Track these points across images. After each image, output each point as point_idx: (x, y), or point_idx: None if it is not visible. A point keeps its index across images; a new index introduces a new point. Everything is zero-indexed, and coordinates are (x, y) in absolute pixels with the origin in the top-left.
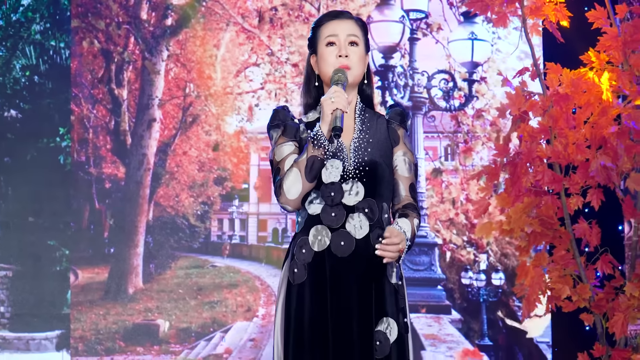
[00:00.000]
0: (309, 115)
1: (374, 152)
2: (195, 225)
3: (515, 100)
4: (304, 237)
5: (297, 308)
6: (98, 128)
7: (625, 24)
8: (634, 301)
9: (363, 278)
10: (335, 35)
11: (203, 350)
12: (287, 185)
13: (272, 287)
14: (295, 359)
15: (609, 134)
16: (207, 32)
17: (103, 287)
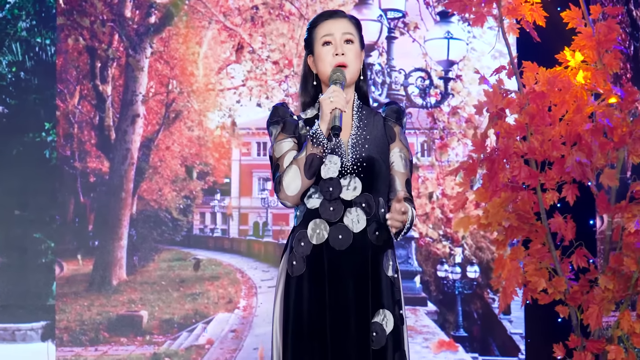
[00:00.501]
0: (308, 112)
1: (371, 148)
2: (178, 219)
3: (492, 98)
4: (302, 230)
5: (296, 300)
6: (83, 123)
7: (599, 24)
8: (608, 294)
9: (360, 271)
10: (331, 35)
11: (185, 341)
12: (287, 181)
13: (253, 280)
14: (294, 350)
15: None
16: (190, 30)
17: (87, 279)
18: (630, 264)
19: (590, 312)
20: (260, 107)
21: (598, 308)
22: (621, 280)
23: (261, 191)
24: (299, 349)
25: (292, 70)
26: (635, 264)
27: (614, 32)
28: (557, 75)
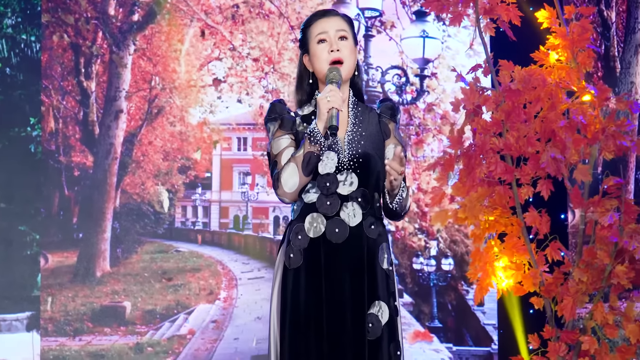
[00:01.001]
0: (304, 109)
1: (367, 144)
2: (160, 212)
3: (469, 95)
4: (299, 224)
5: (293, 291)
6: (67, 118)
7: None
8: (582, 286)
9: (356, 263)
10: (325, 32)
11: (167, 331)
12: (285, 178)
13: (233, 272)
14: (291, 340)
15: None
16: (172, 28)
17: (72, 271)
18: (603, 257)
19: (565, 304)
20: (240, 103)
21: (572, 300)
22: (594, 273)
23: (241, 185)
24: (295, 339)
25: (272, 67)
26: (608, 257)
27: (587, 32)
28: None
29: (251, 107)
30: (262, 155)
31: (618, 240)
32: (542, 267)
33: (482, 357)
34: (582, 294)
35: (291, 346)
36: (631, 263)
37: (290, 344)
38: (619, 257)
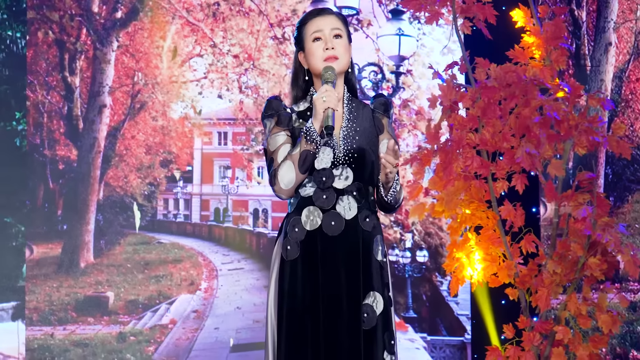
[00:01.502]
0: (300, 105)
1: (362, 140)
2: (143, 205)
3: (446, 92)
4: (296, 217)
5: (290, 282)
6: (52, 113)
7: (546, 23)
8: (556, 277)
9: (352, 255)
10: (321, 31)
11: (149, 320)
12: (281, 175)
13: (214, 263)
14: (288, 330)
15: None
16: (155, 25)
17: (56, 262)
18: (577, 250)
19: (540, 295)
20: (221, 99)
21: (547, 291)
22: (568, 265)
23: (222, 179)
24: (292, 329)
25: (252, 64)
26: (581, 250)
27: (560, 31)
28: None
29: (231, 102)
30: (241, 150)
31: (591, 233)
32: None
33: (455, 346)
34: (556, 285)
35: (288, 335)
36: (603, 255)
37: (287, 333)
38: (591, 249)
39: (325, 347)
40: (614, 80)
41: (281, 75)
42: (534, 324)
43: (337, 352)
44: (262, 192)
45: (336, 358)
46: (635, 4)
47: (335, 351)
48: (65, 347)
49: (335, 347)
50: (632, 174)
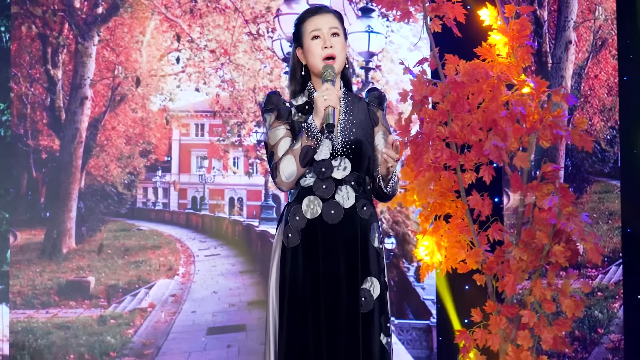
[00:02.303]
0: (298, 99)
1: (358, 132)
2: (123, 193)
3: (417, 87)
4: (297, 206)
5: (292, 269)
6: (35, 104)
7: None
8: (522, 264)
9: (350, 242)
10: (319, 29)
11: (129, 304)
12: (282, 169)
13: (191, 249)
14: (290, 314)
15: (499, 117)
16: (134, 20)
17: (39, 247)
18: (542, 238)
19: (506, 281)
20: (198, 92)
21: (513, 277)
22: (533, 252)
23: (199, 168)
24: (294, 313)
25: (228, 58)
26: (546, 238)
27: (526, 29)
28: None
29: (208, 95)
30: (218, 141)
31: (556, 222)
32: (484, 246)
33: (421, 329)
34: (522, 271)
35: (289, 319)
36: (567, 243)
37: (288, 318)
38: (556, 237)
39: (327, 330)
40: (574, 76)
41: (255, 69)
42: (500, 308)
43: (337, 334)
44: (237, 182)
45: (336, 340)
46: (594, 5)
47: (336, 333)
48: (47, 330)
49: (335, 330)
50: (590, 166)
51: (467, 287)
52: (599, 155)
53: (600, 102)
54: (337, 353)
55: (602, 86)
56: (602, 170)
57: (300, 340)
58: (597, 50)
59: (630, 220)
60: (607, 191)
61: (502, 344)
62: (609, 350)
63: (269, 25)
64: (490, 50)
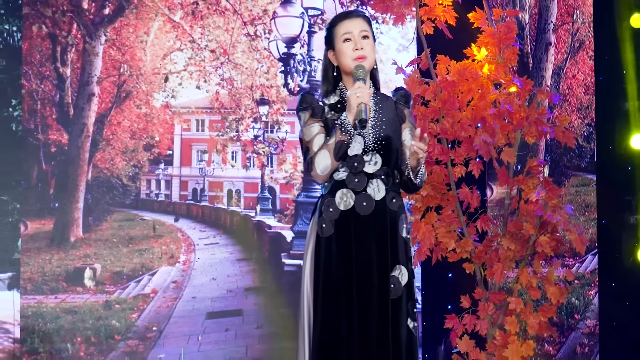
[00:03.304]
0: (330, 98)
1: (388, 128)
2: (127, 185)
3: (411, 85)
4: (331, 198)
5: (326, 257)
6: (45, 100)
7: (499, 25)
8: (510, 253)
9: (380, 232)
10: (350, 32)
11: (133, 290)
12: (318, 162)
13: (191, 238)
14: (324, 301)
15: (487, 115)
16: (139, 21)
17: (49, 236)
18: (529, 228)
19: (495, 269)
20: (199, 89)
21: (502, 266)
22: (520, 242)
23: (199, 162)
24: (328, 299)
25: (227, 58)
26: (533, 228)
27: (512, 32)
28: (466, 67)
29: (208, 92)
30: (217, 136)
31: (542, 214)
32: (473, 236)
33: None
34: (510, 260)
35: (324, 306)
36: (552, 234)
37: (323, 304)
38: (542, 228)
39: (359, 315)
40: (553, 76)
41: (253, 68)
42: (488, 295)
43: (369, 319)
44: (235, 175)
45: (368, 325)
46: (572, 9)
47: (367, 319)
48: (56, 314)
49: (367, 316)
50: (568, 161)
51: (451, 274)
52: (576, 151)
53: (577, 100)
54: (369, 337)
55: (579, 85)
56: (579, 164)
57: (333, 326)
58: (575, 51)
59: (605, 212)
60: (583, 184)
61: (490, 329)
62: (585, 335)
63: (265, 26)
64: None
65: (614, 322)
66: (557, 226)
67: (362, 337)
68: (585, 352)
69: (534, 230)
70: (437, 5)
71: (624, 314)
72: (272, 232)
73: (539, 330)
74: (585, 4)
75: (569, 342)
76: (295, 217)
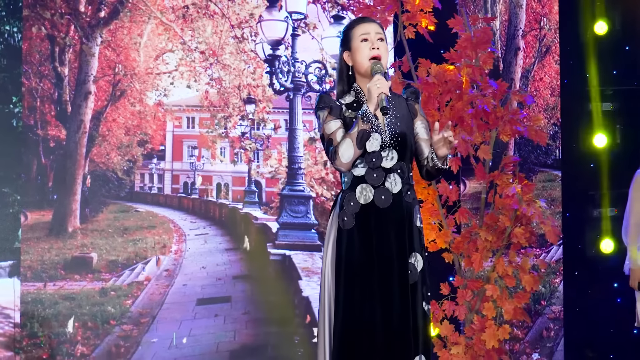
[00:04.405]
0: (346, 98)
1: (402, 125)
2: (122, 178)
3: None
4: (351, 193)
5: (347, 248)
6: (44, 98)
7: (476, 30)
8: (487, 244)
9: (398, 223)
10: (368, 34)
11: (127, 278)
12: (342, 152)
13: (182, 229)
14: (346, 289)
15: (465, 114)
16: (133, 24)
17: (48, 227)
18: (505, 221)
19: (474, 259)
20: (189, 89)
21: (480, 255)
22: (495, 234)
23: (190, 157)
24: (350, 287)
25: (216, 59)
26: (509, 221)
27: (488, 37)
28: (445, 70)
29: (198, 92)
30: (207, 132)
31: (518, 208)
32: (452, 228)
33: None
34: (487, 250)
35: (346, 292)
36: (526, 226)
37: (345, 291)
38: (517, 221)
39: (381, 301)
40: (522, 79)
41: (240, 69)
42: (467, 283)
43: (391, 303)
44: (224, 169)
45: (390, 310)
46: (540, 16)
47: (390, 303)
48: (55, 300)
49: (389, 301)
50: (535, 158)
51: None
52: (543, 149)
53: (544, 101)
54: (391, 321)
55: (546, 88)
56: (545, 161)
57: (356, 312)
58: (542, 56)
59: (569, 206)
60: (550, 180)
61: (468, 314)
62: (551, 320)
63: (252, 30)
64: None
65: (577, 308)
66: (531, 219)
67: (384, 320)
68: (551, 335)
69: (509, 223)
70: (419, 12)
71: (586, 300)
72: (259, 223)
73: (514, 315)
74: (551, 12)
75: (536, 327)
76: (280, 209)
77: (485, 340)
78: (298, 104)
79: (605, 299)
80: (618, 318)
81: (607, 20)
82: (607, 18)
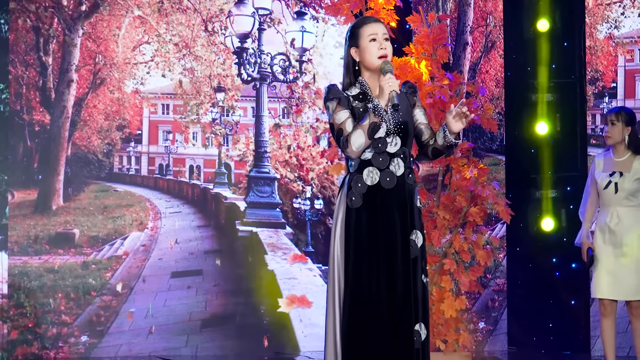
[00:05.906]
0: (352, 90)
1: (405, 115)
2: (102, 160)
3: None
4: (358, 175)
5: (356, 225)
6: (30, 85)
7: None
8: (445, 222)
9: (401, 203)
10: (376, 34)
11: (107, 252)
12: (353, 141)
13: (158, 207)
14: (355, 263)
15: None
16: (112, 17)
17: (33, 205)
18: (461, 201)
19: (433, 235)
20: (164, 78)
21: (438, 232)
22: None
23: (165, 141)
24: (358, 260)
25: (188, 51)
26: (465, 201)
27: (444, 33)
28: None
29: (172, 80)
30: (180, 118)
31: (474, 189)
32: None
33: None
34: (445, 228)
35: (355, 265)
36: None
37: (354, 265)
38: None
39: (387, 274)
40: (469, 72)
41: (211, 60)
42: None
43: (395, 277)
44: (196, 152)
45: (394, 282)
46: (486, 14)
47: (394, 277)
48: (40, 273)
49: (393, 274)
50: (482, 144)
51: None
52: (488, 135)
53: (490, 92)
54: (395, 294)
55: (491, 79)
56: (491, 147)
57: (364, 285)
58: (488, 50)
59: (512, 188)
60: (495, 164)
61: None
62: (495, 292)
63: (222, 24)
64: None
65: (519, 281)
66: (486, 199)
67: (389, 293)
68: (495, 306)
69: (465, 203)
70: (382, 9)
71: (527, 274)
72: (228, 202)
73: (469, 287)
74: (497, 10)
75: (482, 298)
76: (248, 190)
77: (444, 310)
78: (264, 92)
79: (544, 272)
80: (556, 290)
81: (548, 18)
82: (549, 16)
